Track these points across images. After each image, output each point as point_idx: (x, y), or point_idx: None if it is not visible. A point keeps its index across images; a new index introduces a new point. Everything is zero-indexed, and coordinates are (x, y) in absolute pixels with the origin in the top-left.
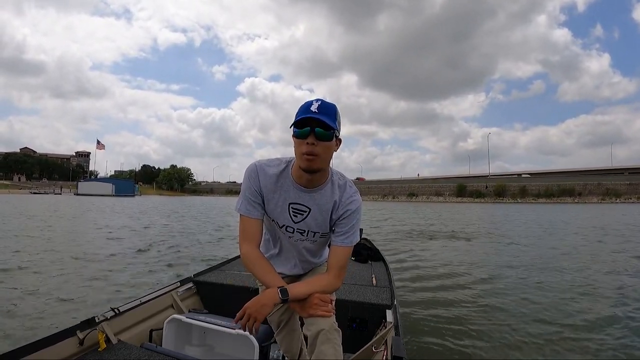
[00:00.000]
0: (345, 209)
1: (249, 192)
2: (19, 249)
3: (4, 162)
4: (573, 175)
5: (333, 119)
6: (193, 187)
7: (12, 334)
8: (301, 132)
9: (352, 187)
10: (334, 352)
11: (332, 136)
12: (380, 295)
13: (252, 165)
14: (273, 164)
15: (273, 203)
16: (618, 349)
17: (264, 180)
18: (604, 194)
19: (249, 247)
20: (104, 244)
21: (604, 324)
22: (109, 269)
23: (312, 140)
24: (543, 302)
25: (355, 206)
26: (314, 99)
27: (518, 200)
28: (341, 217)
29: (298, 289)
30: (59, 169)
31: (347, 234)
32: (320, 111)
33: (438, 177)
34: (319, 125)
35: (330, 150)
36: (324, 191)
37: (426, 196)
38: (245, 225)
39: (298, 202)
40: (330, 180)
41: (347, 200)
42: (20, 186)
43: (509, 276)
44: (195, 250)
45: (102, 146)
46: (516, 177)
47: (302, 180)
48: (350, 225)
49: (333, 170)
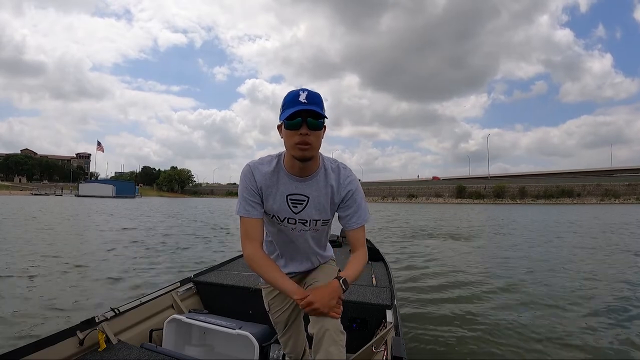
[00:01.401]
0: (346, 190)
1: (246, 192)
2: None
3: (5, 163)
4: (572, 176)
5: (321, 108)
6: (193, 188)
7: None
8: (293, 124)
9: (346, 168)
10: (339, 354)
11: (322, 125)
12: (380, 295)
13: (246, 166)
14: (265, 161)
15: (272, 198)
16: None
17: (259, 179)
18: (603, 194)
19: (253, 247)
20: (113, 246)
21: (609, 322)
22: (115, 271)
23: (306, 131)
24: (543, 302)
25: (355, 185)
26: (300, 89)
27: (517, 202)
28: (345, 199)
29: (351, 274)
30: (59, 171)
31: (357, 213)
32: (309, 101)
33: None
34: (310, 115)
35: (320, 138)
36: (318, 177)
37: (426, 197)
38: (247, 226)
39: (295, 193)
40: (322, 166)
41: (345, 181)
42: (21, 187)
43: (510, 276)
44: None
45: (102, 148)
46: (515, 177)
47: (295, 170)
48: (357, 204)
49: (323, 156)
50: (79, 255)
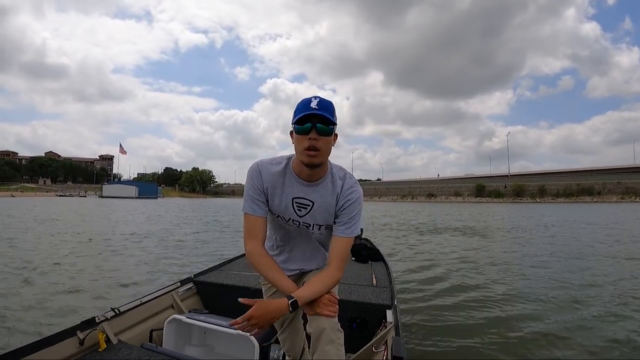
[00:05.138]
0: (345, 199)
1: (252, 190)
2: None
3: (29, 166)
4: (593, 174)
5: (332, 114)
6: (215, 189)
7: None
8: (303, 128)
9: (352, 178)
10: (337, 353)
11: (332, 131)
12: (380, 295)
13: (254, 164)
14: (275, 161)
15: (277, 199)
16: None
17: (266, 178)
18: (624, 192)
19: (254, 244)
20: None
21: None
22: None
23: (315, 136)
24: (543, 302)
25: (356, 196)
26: (312, 96)
27: (537, 200)
28: (342, 207)
29: (306, 294)
30: (83, 172)
31: (348, 224)
32: (320, 107)
33: (456, 178)
34: (320, 121)
35: (330, 144)
36: (325, 184)
37: (445, 196)
38: (250, 223)
39: (301, 197)
40: (330, 173)
41: (347, 191)
42: (45, 189)
43: (510, 276)
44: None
45: (123, 150)
46: (535, 176)
47: (303, 174)
48: (351, 215)
49: (332, 164)
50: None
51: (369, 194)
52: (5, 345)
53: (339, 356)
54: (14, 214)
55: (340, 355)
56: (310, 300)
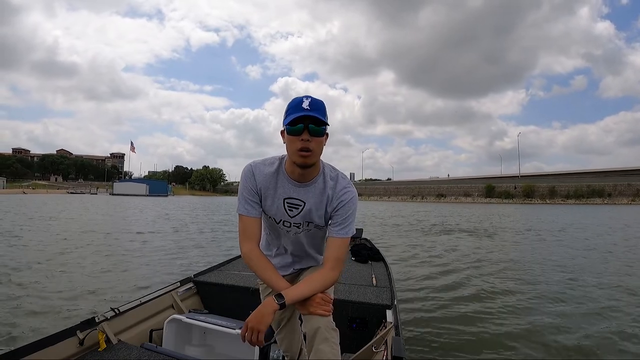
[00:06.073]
0: (339, 200)
1: (246, 192)
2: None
3: (41, 163)
4: (604, 176)
5: (324, 115)
6: (225, 187)
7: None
8: (295, 129)
9: (345, 179)
10: (332, 351)
11: (324, 131)
12: (380, 295)
13: (247, 166)
14: (268, 162)
15: (270, 200)
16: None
17: (260, 179)
18: (635, 194)
19: (249, 245)
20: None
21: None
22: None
23: (307, 137)
24: (544, 301)
25: (349, 197)
26: (303, 96)
27: (547, 201)
28: (335, 208)
29: (295, 292)
30: (94, 170)
31: (343, 224)
32: (311, 108)
33: (465, 178)
34: (312, 122)
35: (322, 144)
36: (317, 184)
37: (455, 197)
38: (245, 225)
39: (293, 197)
40: (322, 173)
41: (340, 192)
42: (57, 186)
43: (511, 275)
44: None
45: (134, 149)
46: (546, 177)
47: (295, 175)
48: (345, 216)
49: (324, 163)
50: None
51: (379, 194)
52: (5, 346)
53: (333, 354)
54: (24, 212)
55: (335, 354)
56: (300, 298)
